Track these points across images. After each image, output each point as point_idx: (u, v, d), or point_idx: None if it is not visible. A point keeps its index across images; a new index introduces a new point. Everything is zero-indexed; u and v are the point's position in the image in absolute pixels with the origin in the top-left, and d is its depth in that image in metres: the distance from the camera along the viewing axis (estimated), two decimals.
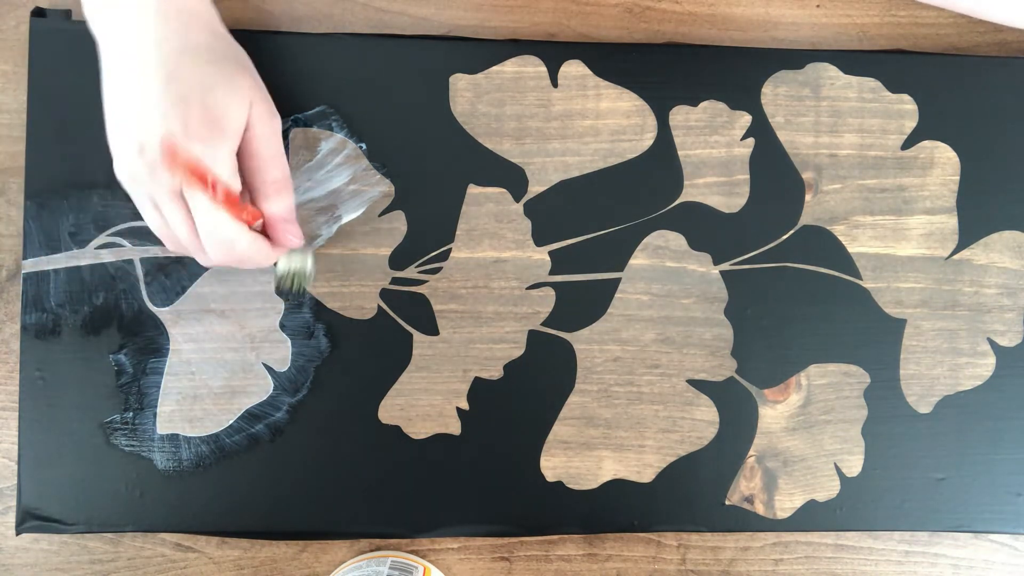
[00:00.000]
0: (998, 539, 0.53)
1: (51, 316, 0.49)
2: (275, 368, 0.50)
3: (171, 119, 0.42)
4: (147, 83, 0.42)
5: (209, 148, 0.43)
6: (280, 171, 0.46)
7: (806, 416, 0.51)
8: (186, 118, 0.42)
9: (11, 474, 0.50)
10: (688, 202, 0.51)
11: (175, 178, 0.42)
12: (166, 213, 0.44)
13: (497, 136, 0.51)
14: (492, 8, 0.52)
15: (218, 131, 0.43)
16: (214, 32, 0.45)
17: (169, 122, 0.42)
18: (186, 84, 0.43)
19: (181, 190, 0.43)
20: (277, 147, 0.46)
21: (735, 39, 0.53)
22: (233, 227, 0.44)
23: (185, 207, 0.44)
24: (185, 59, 0.43)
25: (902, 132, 0.52)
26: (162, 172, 0.42)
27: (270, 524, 0.50)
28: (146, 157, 0.42)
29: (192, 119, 0.42)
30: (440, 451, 0.50)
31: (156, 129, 0.42)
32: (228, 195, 0.43)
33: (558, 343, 0.51)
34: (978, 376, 0.52)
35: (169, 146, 0.42)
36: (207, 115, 0.43)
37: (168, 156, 0.42)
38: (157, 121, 0.42)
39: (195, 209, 0.43)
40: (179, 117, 0.42)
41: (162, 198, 0.44)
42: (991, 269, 0.52)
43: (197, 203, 0.43)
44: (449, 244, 0.51)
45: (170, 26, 0.43)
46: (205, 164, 0.42)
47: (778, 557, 0.52)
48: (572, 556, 0.52)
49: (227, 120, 0.43)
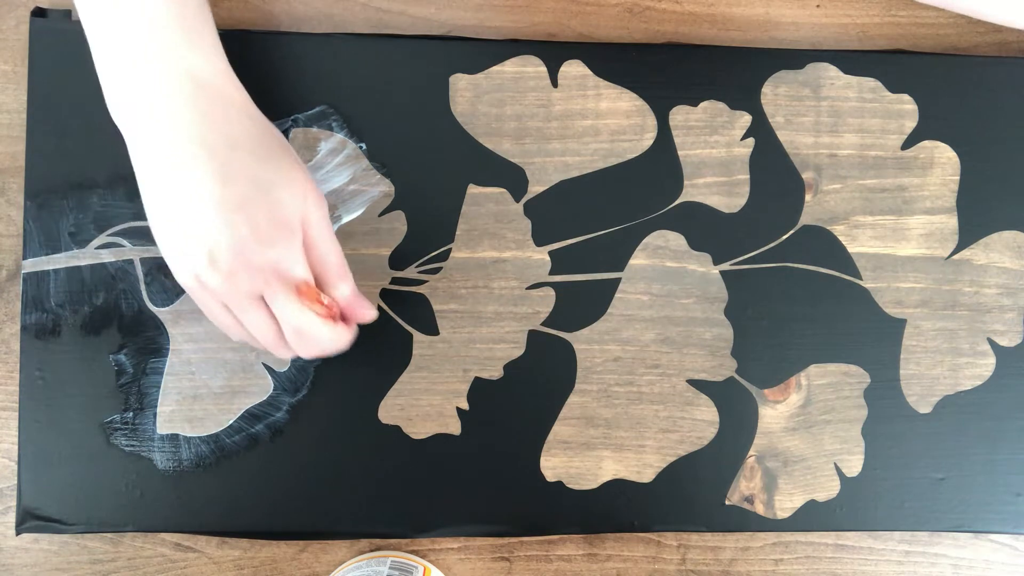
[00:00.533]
0: (998, 539, 0.53)
1: (51, 316, 0.49)
2: (275, 368, 0.50)
3: (239, 226, 0.41)
4: (200, 185, 0.40)
5: (283, 250, 0.42)
6: (339, 255, 0.45)
7: (806, 416, 0.51)
8: (254, 223, 0.41)
9: (11, 474, 0.50)
10: (688, 202, 0.51)
11: (256, 284, 0.42)
12: (246, 318, 0.43)
13: (497, 136, 0.51)
14: (492, 8, 0.52)
15: (287, 229, 0.42)
16: (253, 118, 0.44)
17: (237, 230, 0.41)
18: (244, 184, 0.41)
19: (261, 294, 0.42)
20: (331, 232, 0.45)
21: (735, 39, 0.53)
22: (320, 324, 0.43)
23: (267, 310, 0.43)
24: (236, 155, 0.41)
25: (902, 132, 0.52)
26: (242, 279, 0.41)
27: (270, 524, 0.50)
28: (221, 267, 0.41)
29: (260, 223, 0.41)
30: (440, 451, 0.50)
31: (224, 237, 0.40)
32: (317, 295, 0.43)
33: (558, 343, 0.51)
34: (978, 376, 0.52)
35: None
36: (273, 216, 0.41)
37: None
38: (223, 229, 0.40)
39: (280, 312, 0.43)
40: (247, 223, 0.41)
41: (240, 304, 0.43)
42: (991, 269, 0.52)
43: (282, 306, 0.43)
44: (449, 244, 0.51)
45: (209, 115, 0.41)
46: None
47: (778, 557, 0.52)
48: (572, 556, 0.52)
49: (291, 217, 0.42)
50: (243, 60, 0.48)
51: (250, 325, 0.44)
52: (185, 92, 0.41)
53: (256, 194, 0.41)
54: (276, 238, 0.42)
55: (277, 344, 0.45)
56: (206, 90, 0.42)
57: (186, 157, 0.41)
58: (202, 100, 0.41)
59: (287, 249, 0.42)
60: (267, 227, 0.41)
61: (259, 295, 0.43)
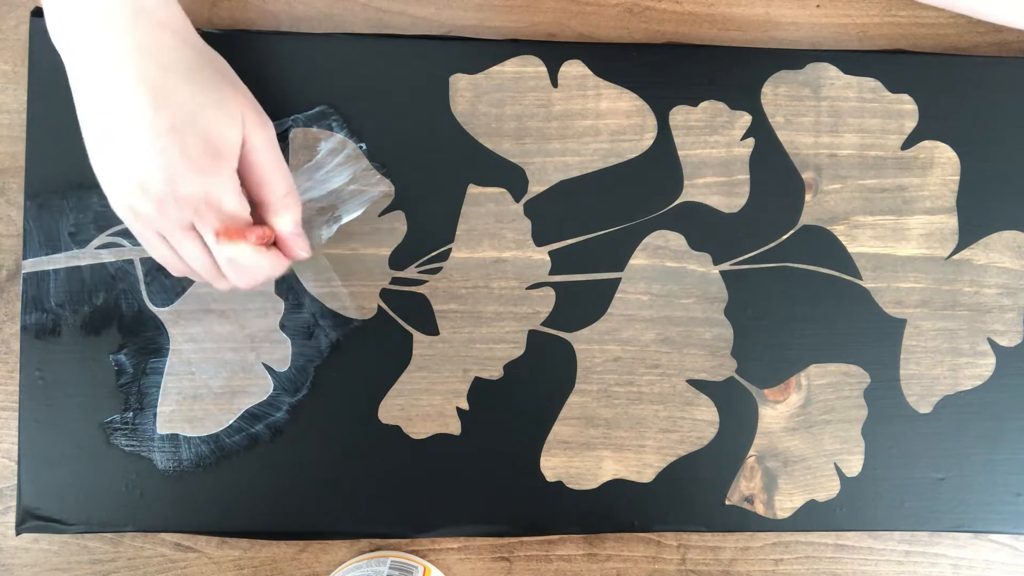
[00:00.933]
0: (998, 539, 0.53)
1: (51, 316, 0.49)
2: (275, 368, 0.50)
3: (169, 152, 0.40)
4: (132, 110, 0.40)
5: (214, 177, 0.41)
6: (285, 183, 0.44)
7: (806, 416, 0.51)
8: (184, 148, 0.40)
9: (11, 474, 0.50)
10: (688, 202, 0.51)
11: (184, 213, 0.41)
12: (180, 248, 0.43)
13: (497, 136, 0.51)
14: (492, 8, 0.52)
15: (219, 157, 0.41)
16: (191, 44, 0.43)
17: (168, 156, 0.40)
18: (176, 109, 0.40)
19: (192, 223, 0.42)
20: (277, 157, 0.44)
21: (735, 39, 0.53)
22: (253, 253, 0.43)
23: (199, 238, 0.43)
24: (169, 79, 0.41)
25: (902, 132, 0.52)
26: (171, 208, 0.41)
27: (270, 524, 0.50)
28: (151, 195, 0.41)
29: (190, 148, 0.40)
30: (440, 451, 0.50)
31: (155, 164, 0.40)
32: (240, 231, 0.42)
33: (558, 343, 0.51)
34: (978, 376, 0.52)
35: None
36: (205, 141, 0.41)
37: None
38: (153, 156, 0.40)
39: (211, 241, 0.42)
40: (177, 148, 0.40)
41: (173, 233, 0.42)
42: (991, 269, 0.52)
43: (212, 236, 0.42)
44: (449, 244, 0.51)
45: (146, 42, 0.41)
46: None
47: (778, 557, 0.52)
48: (572, 556, 0.52)
49: (225, 142, 0.42)
50: (243, 60, 0.48)
51: (185, 255, 0.43)
52: (124, 19, 0.41)
53: (188, 119, 0.41)
54: (207, 165, 0.41)
55: (213, 274, 0.44)
56: (146, 16, 0.41)
57: (120, 84, 0.40)
58: (142, 27, 0.41)
59: (217, 176, 0.41)
60: (198, 153, 0.41)
61: (190, 224, 0.42)
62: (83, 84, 0.41)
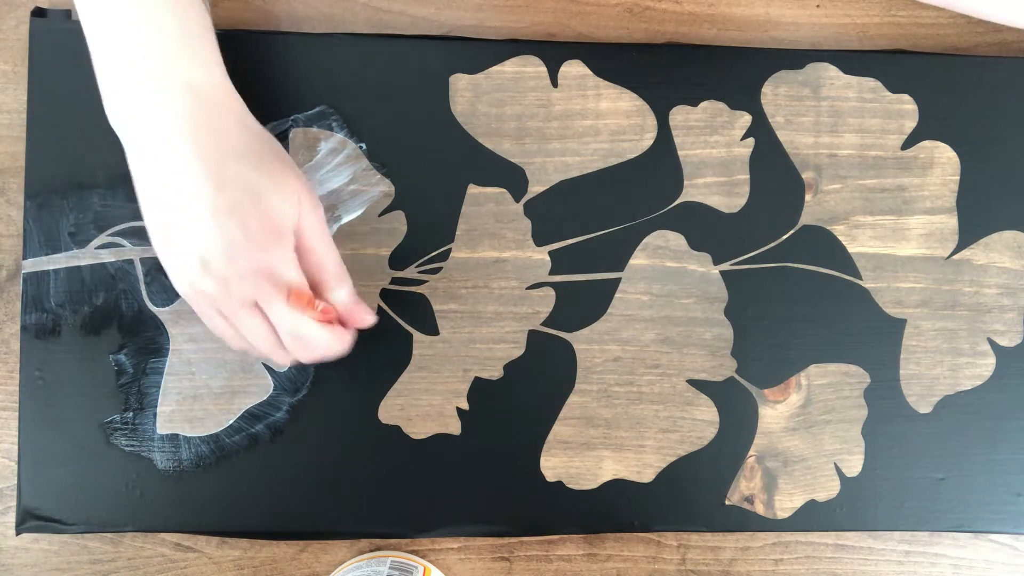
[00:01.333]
0: (998, 539, 0.53)
1: (51, 316, 0.49)
2: (275, 368, 0.50)
3: (231, 232, 0.41)
4: (193, 192, 0.41)
5: (275, 252, 0.42)
6: (336, 260, 0.45)
7: (806, 416, 0.51)
8: (245, 227, 0.41)
9: (11, 474, 0.50)
10: (688, 202, 0.51)
11: (247, 289, 0.42)
12: (241, 324, 0.43)
13: (497, 136, 0.51)
14: (492, 8, 0.52)
15: (279, 234, 0.42)
16: (247, 127, 0.44)
17: (229, 235, 0.41)
18: (236, 189, 0.41)
19: (254, 300, 0.43)
20: (328, 237, 0.45)
21: (735, 39, 0.53)
22: (317, 328, 0.43)
23: (263, 316, 0.43)
24: (229, 163, 0.41)
25: (902, 132, 0.52)
26: (234, 285, 0.42)
27: (270, 524, 0.50)
28: (213, 273, 0.41)
29: (251, 227, 0.41)
30: (440, 451, 0.50)
31: (217, 243, 0.41)
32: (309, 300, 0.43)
33: (558, 343, 0.51)
34: (978, 376, 0.52)
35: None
36: (265, 220, 0.42)
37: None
38: (216, 235, 0.41)
39: (275, 317, 0.43)
40: (238, 227, 0.41)
41: (235, 311, 0.43)
42: (991, 269, 0.52)
43: (276, 311, 0.43)
44: (449, 244, 0.51)
45: (204, 125, 0.42)
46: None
47: (778, 557, 0.52)
48: (572, 556, 0.52)
49: (283, 222, 0.42)
50: (243, 60, 0.48)
51: (246, 332, 0.44)
52: (181, 103, 0.41)
53: (248, 200, 0.41)
54: (268, 243, 0.42)
55: (275, 350, 0.45)
56: (202, 101, 0.42)
57: (180, 166, 0.41)
58: (198, 111, 0.42)
59: (279, 253, 0.42)
60: (259, 232, 0.41)
61: (253, 301, 0.43)
62: (143, 166, 0.42)
